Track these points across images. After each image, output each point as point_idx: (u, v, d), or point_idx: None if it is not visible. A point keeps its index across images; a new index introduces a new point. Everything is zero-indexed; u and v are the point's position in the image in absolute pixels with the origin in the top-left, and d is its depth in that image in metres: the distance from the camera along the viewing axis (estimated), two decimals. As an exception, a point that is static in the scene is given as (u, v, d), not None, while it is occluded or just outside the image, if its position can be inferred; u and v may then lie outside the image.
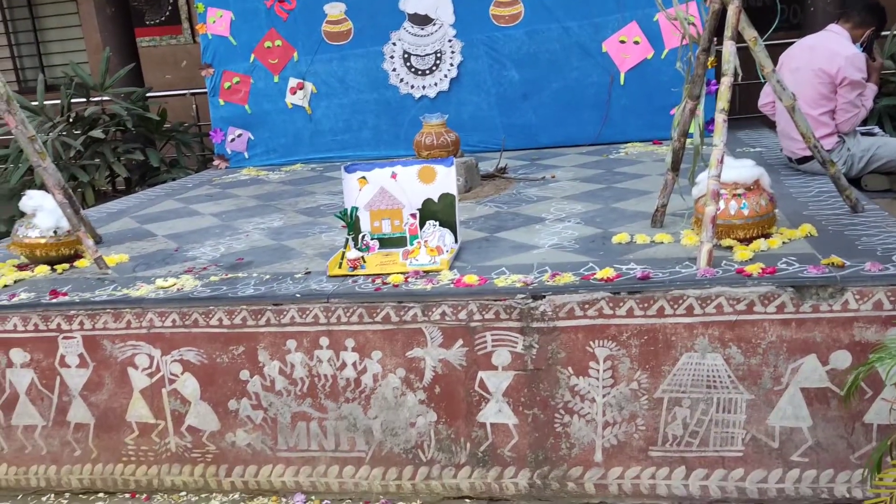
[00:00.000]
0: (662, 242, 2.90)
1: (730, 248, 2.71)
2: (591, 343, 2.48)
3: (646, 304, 2.43)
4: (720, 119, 2.60)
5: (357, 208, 3.02)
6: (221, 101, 6.08)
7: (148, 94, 6.69)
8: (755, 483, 2.50)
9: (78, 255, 3.36)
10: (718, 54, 2.89)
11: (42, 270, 3.23)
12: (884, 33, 4.42)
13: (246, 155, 6.11)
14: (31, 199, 3.28)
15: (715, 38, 2.94)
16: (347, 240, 2.96)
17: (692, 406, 2.48)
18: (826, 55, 3.77)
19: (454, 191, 3.05)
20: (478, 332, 2.55)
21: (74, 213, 3.24)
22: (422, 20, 5.73)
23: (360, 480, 2.74)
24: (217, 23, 5.97)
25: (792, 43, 4.19)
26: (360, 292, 2.64)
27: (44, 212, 3.24)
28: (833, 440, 2.44)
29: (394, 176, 3.09)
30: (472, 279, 2.62)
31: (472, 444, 2.65)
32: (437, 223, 3.02)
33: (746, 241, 2.71)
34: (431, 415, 2.65)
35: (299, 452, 2.77)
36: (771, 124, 5.53)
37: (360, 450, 2.73)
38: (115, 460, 2.89)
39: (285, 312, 2.65)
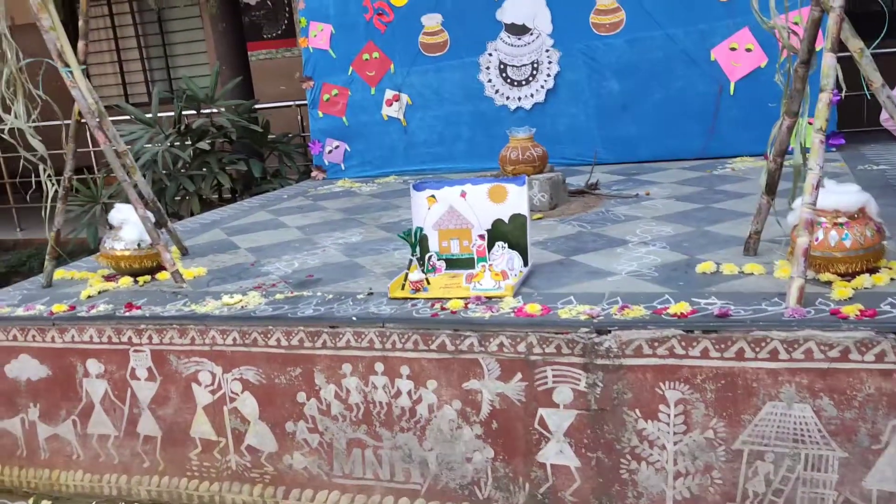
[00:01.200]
0: (752, 274, 2.63)
1: (829, 283, 2.41)
2: (661, 385, 2.27)
3: (723, 345, 2.19)
4: (816, 140, 2.32)
5: (421, 228, 2.92)
6: (320, 113, 6.17)
7: (256, 106, 6.89)
8: (849, 553, 2.20)
9: (161, 268, 3.44)
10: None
11: (125, 282, 3.32)
12: None
13: (342, 166, 6.17)
14: (119, 212, 3.39)
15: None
16: (412, 260, 2.86)
17: (776, 461, 2.21)
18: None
19: (526, 211, 2.90)
20: (538, 367, 2.38)
21: (157, 227, 3.32)
22: (519, 30, 5.59)
23: (415, 513, 2.64)
24: (318, 36, 6.06)
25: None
26: (417, 318, 2.54)
27: (129, 224, 3.33)
28: (944, 511, 2.11)
29: (463, 195, 2.98)
30: (534, 308, 2.46)
31: (532, 485, 2.48)
32: (506, 245, 2.87)
33: (848, 276, 2.41)
34: (489, 451, 2.50)
35: (354, 480, 2.69)
36: (899, 138, 5.03)
37: (415, 482, 2.62)
38: (181, 474, 2.92)
39: (341, 335, 2.58)
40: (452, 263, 2.97)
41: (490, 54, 5.68)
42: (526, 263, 2.87)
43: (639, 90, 5.40)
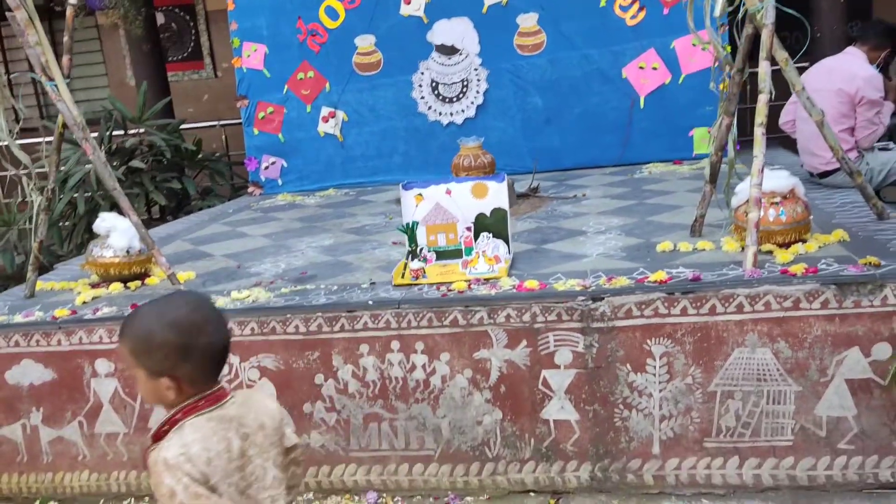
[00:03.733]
0: (704, 249, 3.09)
1: (770, 252, 2.91)
2: (648, 341, 2.67)
3: (699, 304, 2.62)
4: (759, 132, 2.81)
5: (417, 223, 3.22)
6: (256, 131, 6.32)
7: (183, 128, 6.93)
8: (805, 471, 2.67)
9: (147, 274, 3.56)
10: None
11: (116, 288, 3.42)
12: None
13: (279, 182, 6.33)
14: (105, 221, 3.49)
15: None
16: (409, 251, 3.15)
17: (744, 398, 2.66)
18: (845, 76, 4.00)
19: (506, 205, 3.26)
20: (541, 333, 2.74)
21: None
22: (449, 50, 5.99)
23: (429, 477, 2.91)
24: (251, 56, 6.23)
25: (800, 67, 4.44)
26: (429, 298, 2.84)
27: (117, 232, 3.44)
28: (877, 427, 2.61)
29: (448, 192, 3.30)
30: (532, 284, 2.82)
31: (536, 440, 2.82)
32: (491, 235, 3.22)
33: (785, 245, 2.91)
34: (497, 413, 2.82)
35: (371, 452, 2.94)
36: (786, 143, 5.79)
37: (428, 448, 2.90)
38: (194, 464, 3.05)
39: (359, 318, 2.84)
40: (441, 255, 3.28)
41: (422, 73, 6.05)
42: (509, 251, 3.23)
43: (560, 105, 5.91)
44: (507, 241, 3.24)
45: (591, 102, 5.87)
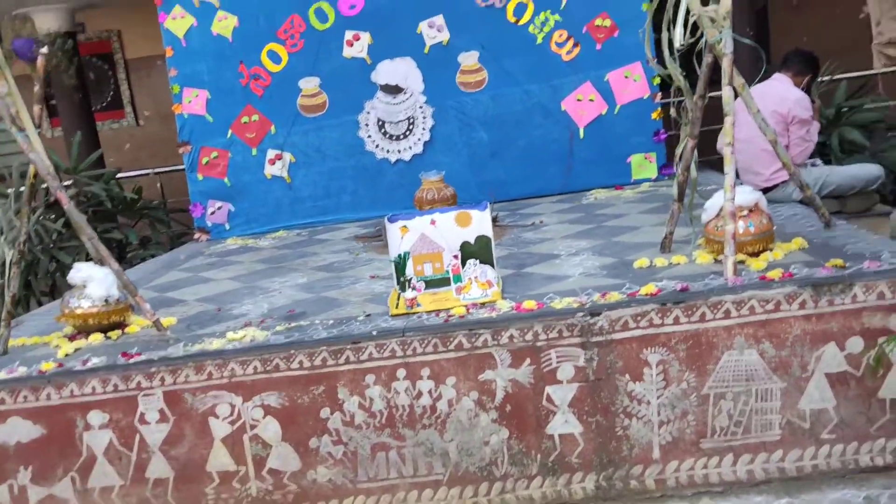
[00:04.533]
0: (680, 263, 3.29)
1: (742, 262, 3.13)
2: (644, 350, 2.82)
3: (690, 312, 2.79)
4: (727, 151, 3.04)
5: (408, 253, 3.30)
6: (200, 176, 6.25)
7: (119, 177, 6.79)
8: (793, 462, 2.86)
9: (125, 323, 3.48)
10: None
11: (97, 338, 3.33)
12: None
13: (227, 226, 6.27)
14: (80, 272, 3.41)
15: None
16: (402, 282, 3.22)
17: (735, 399, 2.84)
18: (777, 99, 4.36)
19: (489, 233, 3.37)
20: (543, 351, 2.85)
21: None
22: (393, 90, 6.13)
23: (438, 502, 2.95)
24: (193, 102, 6.19)
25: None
26: (432, 324, 2.91)
27: (94, 282, 3.37)
28: (854, 416, 2.83)
29: (433, 222, 3.39)
30: (531, 304, 2.94)
31: (542, 455, 2.91)
32: (478, 261, 3.32)
33: (755, 254, 3.14)
34: (504, 432, 2.91)
35: (379, 482, 2.96)
36: (714, 167, 6.20)
37: (437, 472, 2.94)
38: (195, 511, 3.00)
39: (364, 349, 2.88)
40: (429, 283, 3.35)
41: (368, 112, 6.16)
42: (497, 275, 3.34)
43: (504, 139, 6.14)
44: (493, 266, 3.35)
45: (534, 135, 6.11)
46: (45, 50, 3.29)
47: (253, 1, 6.09)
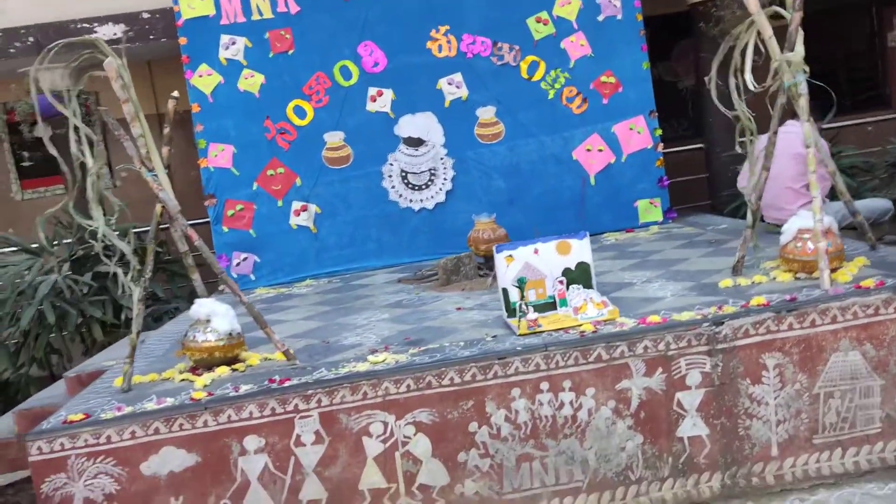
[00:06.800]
0: (762, 282, 3.66)
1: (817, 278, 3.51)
2: (763, 355, 3.14)
3: (802, 319, 3.14)
4: (813, 178, 3.45)
5: (525, 279, 3.55)
6: (225, 228, 6.33)
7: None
8: (891, 452, 3.20)
9: (238, 358, 3.56)
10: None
11: (223, 371, 3.41)
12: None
13: (252, 277, 6.34)
14: (202, 307, 3.49)
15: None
16: (520, 305, 3.46)
17: (842, 396, 3.17)
18: (799, 141, 4.86)
19: (589, 259, 3.67)
20: (674, 360, 3.13)
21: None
22: (415, 142, 6.43)
23: (578, 509, 3.14)
24: (219, 156, 6.31)
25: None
26: (571, 339, 3.15)
27: (218, 316, 3.46)
28: (940, 407, 3.22)
29: (536, 251, 3.67)
30: (655, 318, 3.22)
31: (673, 458, 3.16)
32: (581, 286, 3.60)
33: (833, 271, 3.54)
34: (638, 437, 3.14)
35: (523, 492, 3.13)
36: (710, 210, 6.77)
37: (577, 480, 3.14)
38: (345, 532, 3.08)
39: (510, 364, 3.09)
40: (536, 308, 3.60)
41: (391, 164, 6.42)
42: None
43: (521, 187, 6.50)
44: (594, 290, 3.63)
45: (549, 183, 6.50)
46: (176, 94, 3.44)
47: (279, 59, 6.33)
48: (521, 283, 3.49)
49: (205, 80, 6.29)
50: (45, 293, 5.56)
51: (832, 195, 5.45)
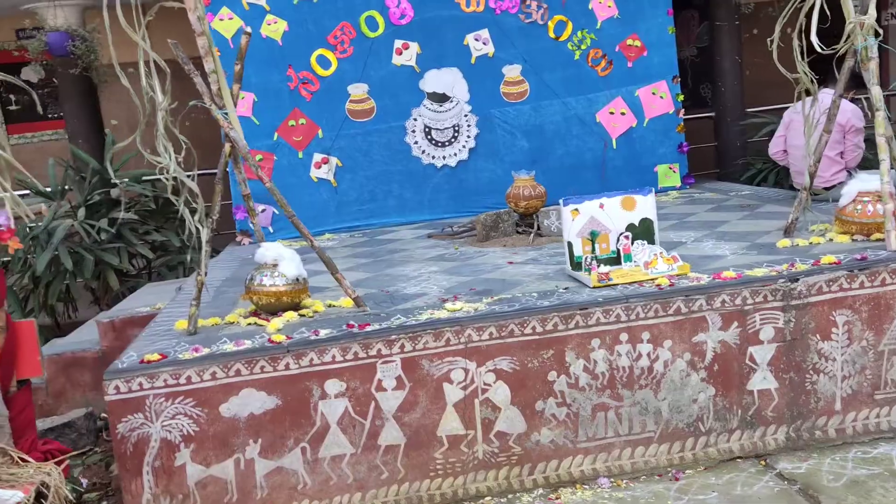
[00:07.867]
0: (820, 243, 3.72)
1: (880, 239, 3.58)
2: (834, 313, 3.21)
3: (873, 278, 3.21)
4: (882, 141, 3.49)
5: (597, 232, 3.55)
6: (244, 179, 6.19)
7: (145, 178, 6.60)
8: (947, 409, 3.32)
9: (302, 305, 3.51)
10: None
11: (291, 316, 3.36)
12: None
13: (270, 229, 6.23)
14: (269, 251, 3.43)
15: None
16: (587, 258, 3.47)
17: (904, 354, 3.27)
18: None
19: (653, 216, 3.69)
20: (749, 314, 3.18)
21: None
22: (440, 98, 6.36)
23: (649, 458, 3.19)
24: (240, 104, 6.13)
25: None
26: (650, 291, 3.17)
27: (285, 261, 3.40)
28: None
29: (601, 206, 3.67)
30: (729, 273, 3.26)
31: (742, 410, 3.22)
32: (645, 242, 3.62)
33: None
34: (710, 390, 3.20)
35: (597, 441, 3.17)
36: (724, 179, 6.87)
37: (649, 430, 3.19)
38: (422, 477, 3.09)
39: (592, 315, 3.10)
40: (600, 263, 3.62)
41: (415, 119, 6.35)
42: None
43: (544, 147, 6.49)
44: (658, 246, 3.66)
45: (572, 144, 6.50)
46: (248, 29, 3.33)
47: (303, 6, 6.17)
48: (593, 237, 3.50)
49: (225, 23, 6.11)
50: (60, 238, 5.40)
51: (862, 166, 5.57)
